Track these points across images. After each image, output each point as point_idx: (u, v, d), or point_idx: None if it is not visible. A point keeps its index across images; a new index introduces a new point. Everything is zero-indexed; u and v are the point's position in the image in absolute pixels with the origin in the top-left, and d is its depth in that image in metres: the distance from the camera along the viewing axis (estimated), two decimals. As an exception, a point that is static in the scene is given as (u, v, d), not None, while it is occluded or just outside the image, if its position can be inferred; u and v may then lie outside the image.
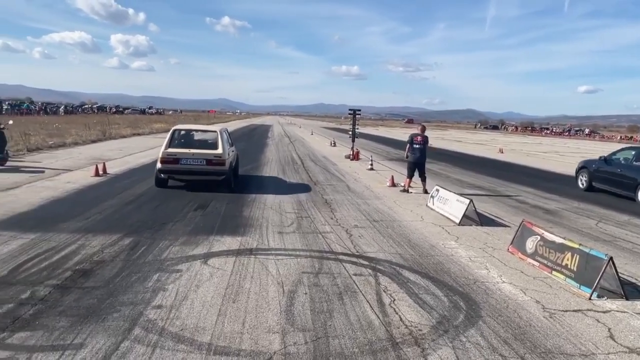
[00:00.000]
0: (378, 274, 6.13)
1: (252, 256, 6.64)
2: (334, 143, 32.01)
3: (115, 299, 4.90)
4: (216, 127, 14.01)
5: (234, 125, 57.04)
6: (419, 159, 12.65)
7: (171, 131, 12.53)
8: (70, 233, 7.25)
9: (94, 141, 25.11)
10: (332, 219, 9.27)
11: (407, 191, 12.80)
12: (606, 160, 14.78)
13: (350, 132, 22.66)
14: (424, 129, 13.47)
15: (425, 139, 12.73)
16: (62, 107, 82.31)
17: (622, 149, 15.54)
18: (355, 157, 21.85)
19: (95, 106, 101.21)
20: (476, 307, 5.21)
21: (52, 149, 19.95)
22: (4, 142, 14.33)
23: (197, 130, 14.14)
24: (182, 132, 13.30)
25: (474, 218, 9.24)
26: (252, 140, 34.06)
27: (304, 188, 12.95)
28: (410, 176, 12.89)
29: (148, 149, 22.55)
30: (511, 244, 7.55)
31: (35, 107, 74.00)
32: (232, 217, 9.03)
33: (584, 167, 15.97)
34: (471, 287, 5.82)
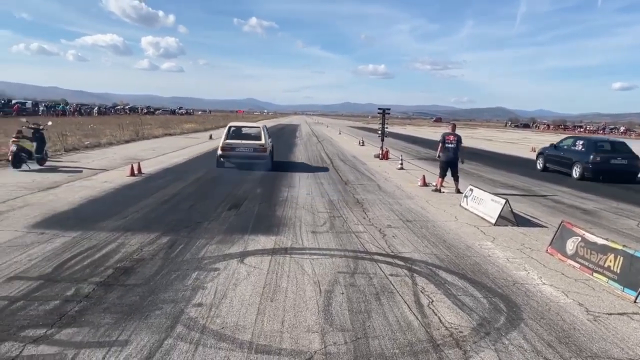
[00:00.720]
0: (414, 274, 6.08)
1: (288, 255, 6.67)
2: (363, 142, 31.90)
3: (157, 297, 4.99)
4: (259, 124, 19.31)
5: (262, 125, 57.44)
6: (451, 159, 12.49)
7: (227, 127, 16.98)
8: (110, 232, 7.42)
9: (127, 141, 25.67)
10: (364, 218, 9.24)
11: (439, 191, 12.66)
12: (555, 146, 19.05)
13: (380, 131, 22.58)
14: (454, 127, 13.30)
15: (458, 138, 12.55)
16: (96, 108, 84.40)
17: (566, 138, 19.80)
18: (384, 156, 21.74)
19: (127, 107, 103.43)
20: (517, 309, 5.11)
21: (88, 149, 20.48)
22: (43, 143, 14.75)
23: (245, 126, 18.66)
24: (235, 128, 17.46)
25: (510, 218, 9.07)
26: (281, 140, 34.16)
27: (334, 187, 12.95)
28: (443, 176, 12.74)
29: (180, 148, 22.95)
30: (550, 244, 7.38)
31: (70, 108, 76.03)
32: (266, 216, 9.09)
33: (541, 152, 20.13)
34: (510, 289, 5.71)
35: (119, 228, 7.66)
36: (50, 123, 17.67)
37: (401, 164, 18.36)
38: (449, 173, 12.70)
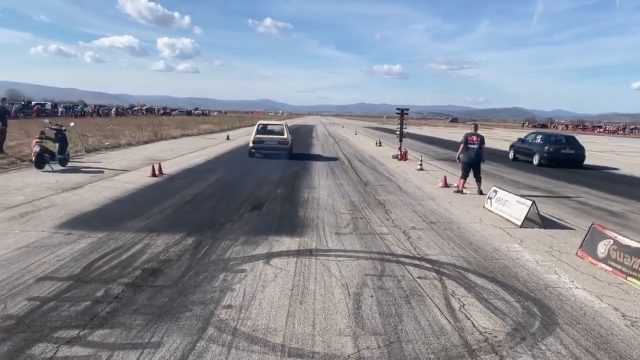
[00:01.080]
0: (443, 277, 5.99)
1: (313, 257, 6.62)
2: (380, 143, 31.76)
3: (186, 298, 4.98)
4: (282, 122, 24.56)
5: (278, 126, 57.35)
6: (474, 159, 12.34)
7: (257, 124, 21.09)
8: (135, 232, 7.44)
9: (146, 142, 25.84)
10: (387, 220, 9.16)
11: (461, 192, 12.51)
12: (522, 140, 23.51)
13: (398, 132, 22.43)
14: (476, 128, 13.17)
15: (481, 139, 12.41)
16: (114, 109, 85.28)
17: (530, 133, 24.74)
18: (403, 157, 21.58)
19: (144, 108, 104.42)
20: (551, 313, 5.00)
21: (108, 150, 20.67)
22: (65, 144, 14.88)
23: (271, 124, 23.45)
24: (262, 126, 21.34)
25: (537, 220, 8.91)
26: (297, 141, 34.14)
27: (354, 188, 12.86)
28: (465, 177, 12.59)
29: (198, 149, 23.05)
30: (580, 247, 7.23)
31: (88, 109, 76.95)
32: (288, 217, 9.06)
33: (512, 145, 24.77)
34: (543, 293, 5.60)
35: (144, 228, 7.69)
36: (72, 124, 17.84)
37: (420, 164, 18.20)
38: (471, 174, 12.55)
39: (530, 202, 8.89)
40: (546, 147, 21.10)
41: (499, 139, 50.08)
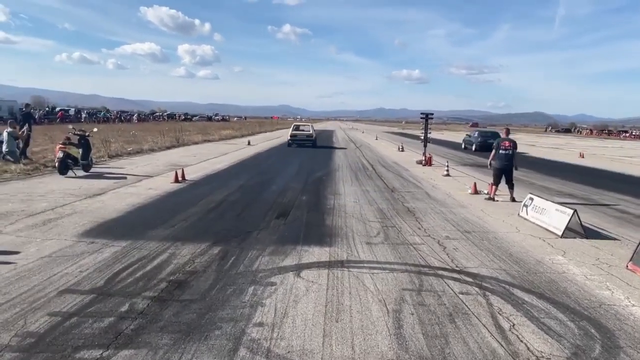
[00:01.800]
0: (487, 292, 5.58)
1: (345, 269, 6.27)
2: (402, 148, 31.30)
3: (215, 315, 4.67)
4: (309, 123, 44.33)
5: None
6: (506, 165, 11.86)
7: (293, 125, 34.07)
8: (160, 241, 7.19)
9: (168, 147, 25.83)
10: (419, 228, 8.76)
11: (493, 199, 12.03)
12: (469, 135, 35.34)
13: (423, 137, 21.98)
14: (508, 132, 12.71)
15: (513, 144, 11.93)
16: (135, 115, 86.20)
17: (474, 131, 37.02)
18: (427, 162, 21.11)
19: (165, 114, 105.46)
20: (611, 335, 4.56)
21: (131, 156, 20.63)
22: (88, 150, 14.80)
23: (301, 124, 35.60)
24: (296, 126, 33.12)
25: (579, 230, 8.42)
26: (318, 147, 33.88)
27: (381, 195, 12.48)
28: (497, 183, 12.10)
29: (220, 154, 22.91)
30: (630, 260, 6.75)
31: (111, 115, 77.91)
32: (315, 225, 8.73)
33: (463, 139, 37.25)
34: (598, 311, 5.15)
35: (169, 237, 7.43)
36: (95, 129, 17.83)
37: (447, 170, 17.72)
38: (502, 181, 12.07)
39: (571, 211, 8.40)
40: (479, 139, 32.38)
41: (524, 144, 49.11)
